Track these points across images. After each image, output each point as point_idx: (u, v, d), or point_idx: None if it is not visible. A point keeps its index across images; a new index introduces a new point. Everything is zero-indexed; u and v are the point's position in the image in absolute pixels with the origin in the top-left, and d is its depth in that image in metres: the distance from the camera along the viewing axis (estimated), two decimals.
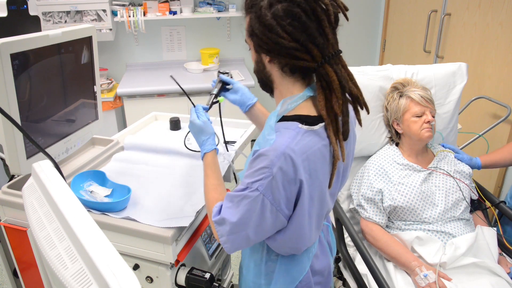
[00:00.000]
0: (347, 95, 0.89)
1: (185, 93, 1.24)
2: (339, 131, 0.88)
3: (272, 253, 1.04)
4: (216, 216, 0.91)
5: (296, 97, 0.90)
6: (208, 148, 1.07)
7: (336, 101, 0.85)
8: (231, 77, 1.26)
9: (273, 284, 1.04)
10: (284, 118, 0.90)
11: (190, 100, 1.23)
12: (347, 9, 0.88)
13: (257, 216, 0.86)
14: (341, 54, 0.88)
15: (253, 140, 2.30)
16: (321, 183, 0.91)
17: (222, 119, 1.29)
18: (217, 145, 1.10)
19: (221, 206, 0.92)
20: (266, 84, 0.97)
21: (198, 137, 1.10)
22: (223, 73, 1.24)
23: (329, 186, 0.93)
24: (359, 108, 0.92)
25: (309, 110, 0.90)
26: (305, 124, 0.87)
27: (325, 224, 1.15)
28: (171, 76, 1.27)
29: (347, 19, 0.88)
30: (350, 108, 0.93)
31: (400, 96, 1.58)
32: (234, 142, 1.55)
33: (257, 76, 0.98)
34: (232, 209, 0.87)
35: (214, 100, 1.18)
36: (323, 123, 0.88)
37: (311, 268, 1.06)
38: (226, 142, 1.42)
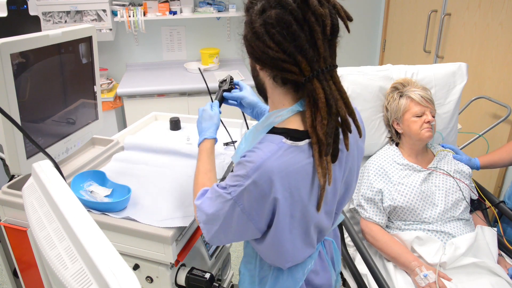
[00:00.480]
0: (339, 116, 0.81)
1: (207, 89, 1.28)
2: (324, 152, 0.80)
3: (265, 262, 1.03)
4: (198, 200, 0.93)
5: (284, 112, 0.85)
6: (210, 135, 1.08)
7: (320, 121, 0.78)
8: (232, 80, 1.24)
9: None
10: (272, 130, 0.86)
11: (210, 96, 1.27)
12: (350, 19, 0.80)
13: (227, 218, 0.86)
14: (336, 69, 0.81)
15: None
16: (304, 202, 0.85)
17: (222, 119, 1.29)
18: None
19: (205, 192, 0.93)
20: (261, 91, 0.95)
21: (203, 122, 1.11)
22: (222, 82, 1.23)
23: (318, 209, 0.87)
24: (348, 131, 0.84)
25: (299, 124, 0.85)
26: (291, 139, 0.82)
27: (328, 239, 1.09)
28: (198, 69, 1.31)
29: (348, 30, 0.80)
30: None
31: (400, 96, 1.58)
32: (234, 142, 1.55)
33: (254, 82, 0.97)
34: (210, 201, 0.89)
35: None
36: (309, 140, 0.83)
37: (309, 283, 1.02)
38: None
